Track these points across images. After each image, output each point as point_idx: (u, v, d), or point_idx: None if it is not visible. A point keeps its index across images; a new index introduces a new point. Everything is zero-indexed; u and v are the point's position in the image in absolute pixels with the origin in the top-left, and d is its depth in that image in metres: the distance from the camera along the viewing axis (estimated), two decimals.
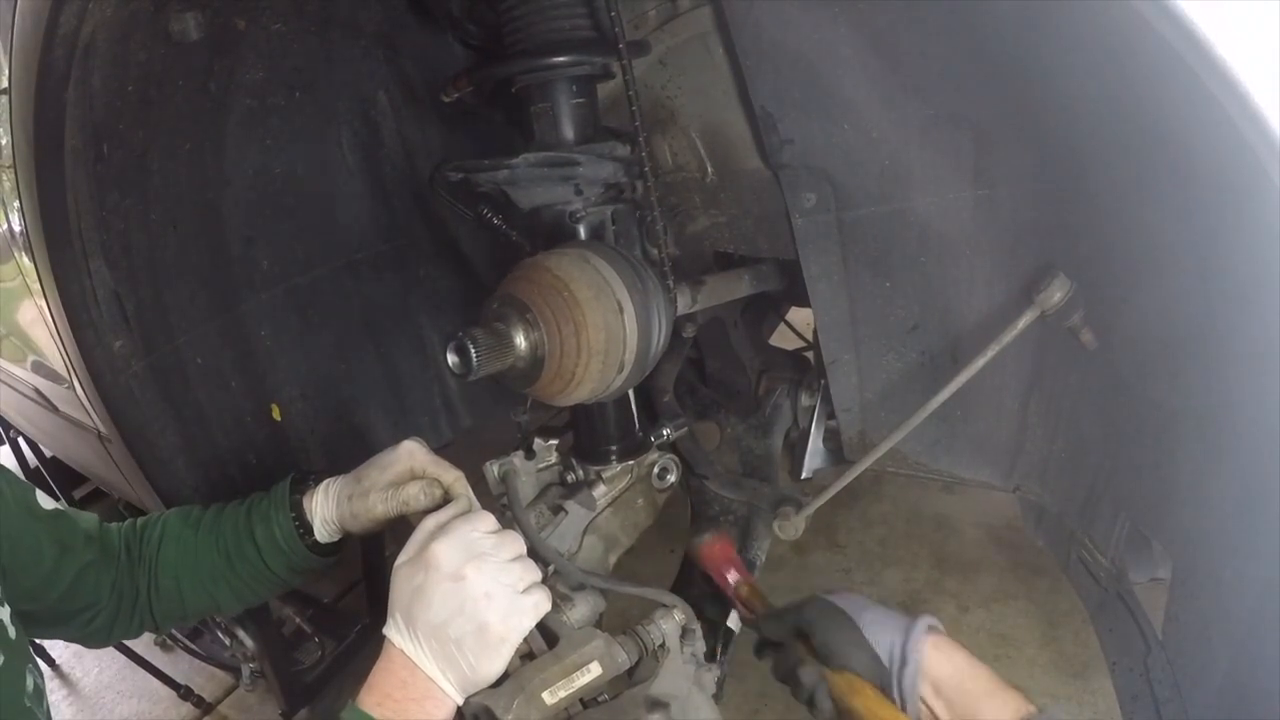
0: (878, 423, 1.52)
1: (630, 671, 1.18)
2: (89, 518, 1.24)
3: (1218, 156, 0.72)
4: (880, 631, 1.09)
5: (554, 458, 1.39)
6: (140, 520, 1.28)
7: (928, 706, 1.05)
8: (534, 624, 1.02)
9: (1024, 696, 0.99)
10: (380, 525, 1.21)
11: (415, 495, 1.16)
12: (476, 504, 1.13)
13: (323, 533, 1.24)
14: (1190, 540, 1.04)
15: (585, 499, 1.35)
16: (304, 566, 1.27)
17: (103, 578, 1.20)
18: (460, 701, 0.99)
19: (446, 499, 1.16)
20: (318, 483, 1.25)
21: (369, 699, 0.96)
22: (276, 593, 1.35)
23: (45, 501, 1.16)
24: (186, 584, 1.25)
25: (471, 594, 0.98)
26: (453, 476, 1.16)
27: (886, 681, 1.06)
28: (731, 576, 1.34)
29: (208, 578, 1.25)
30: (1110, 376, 1.15)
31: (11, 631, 1.00)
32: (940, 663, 1.04)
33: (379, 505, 1.18)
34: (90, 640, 1.27)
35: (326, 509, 1.23)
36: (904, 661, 1.05)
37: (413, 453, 1.19)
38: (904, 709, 1.03)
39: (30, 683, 1.01)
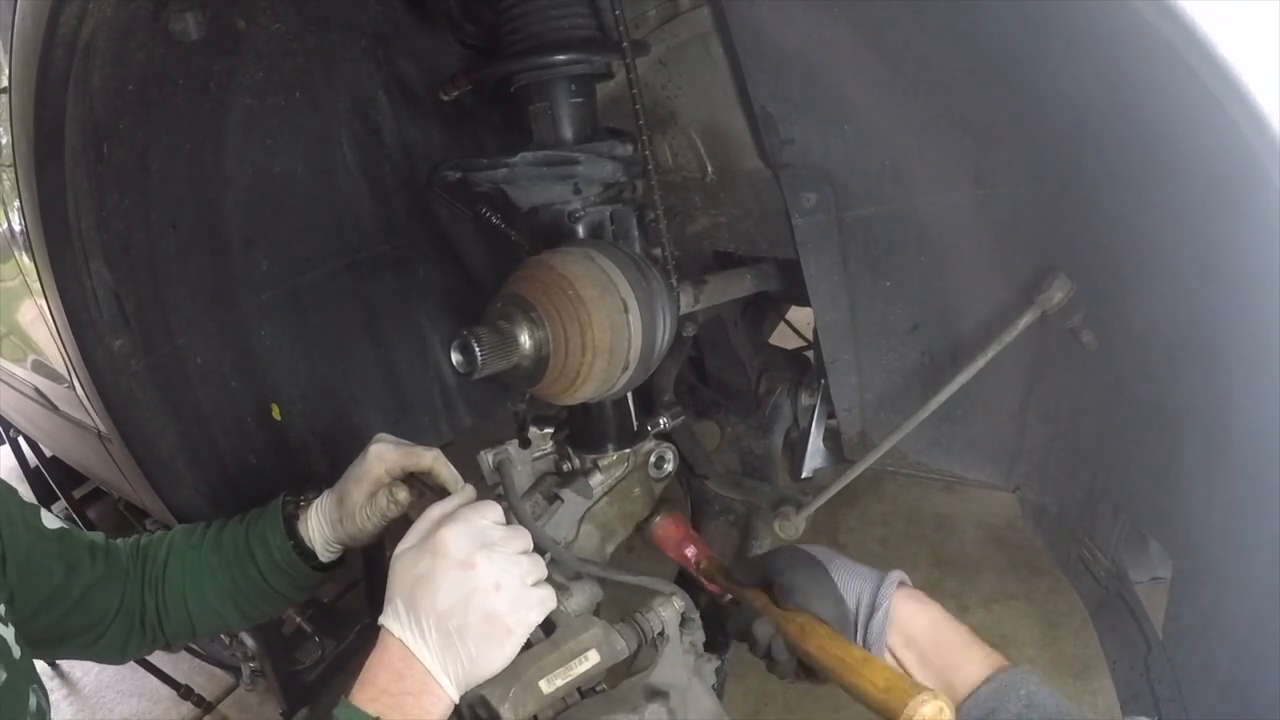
0: (878, 422, 1.52)
1: (629, 661, 1.17)
2: (95, 536, 1.24)
3: (1218, 156, 0.72)
4: (849, 579, 1.06)
5: (550, 447, 1.38)
6: (144, 538, 1.29)
7: (896, 658, 1.02)
8: (540, 620, 1.00)
9: (998, 651, 0.97)
10: (379, 536, 1.23)
11: (385, 506, 1.19)
12: (461, 481, 1.14)
13: (326, 554, 1.26)
14: (1190, 540, 1.04)
15: (581, 487, 1.35)
16: (309, 584, 1.29)
17: (110, 594, 1.20)
18: (456, 698, 0.95)
19: (422, 495, 1.17)
20: (307, 505, 1.26)
21: (362, 694, 0.92)
22: (283, 610, 1.35)
23: (50, 520, 1.17)
24: (193, 603, 1.25)
25: (480, 583, 0.94)
26: (429, 458, 1.17)
27: (848, 628, 1.03)
28: (690, 553, 1.33)
29: (213, 598, 1.26)
30: (1110, 376, 1.15)
31: (16, 651, 1.00)
32: (913, 614, 1.02)
33: (367, 524, 1.20)
34: (104, 656, 1.27)
35: (324, 533, 1.25)
36: (872, 609, 1.02)
37: (382, 455, 1.19)
38: None
39: (34, 702, 1.01)
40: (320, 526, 1.24)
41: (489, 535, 0.98)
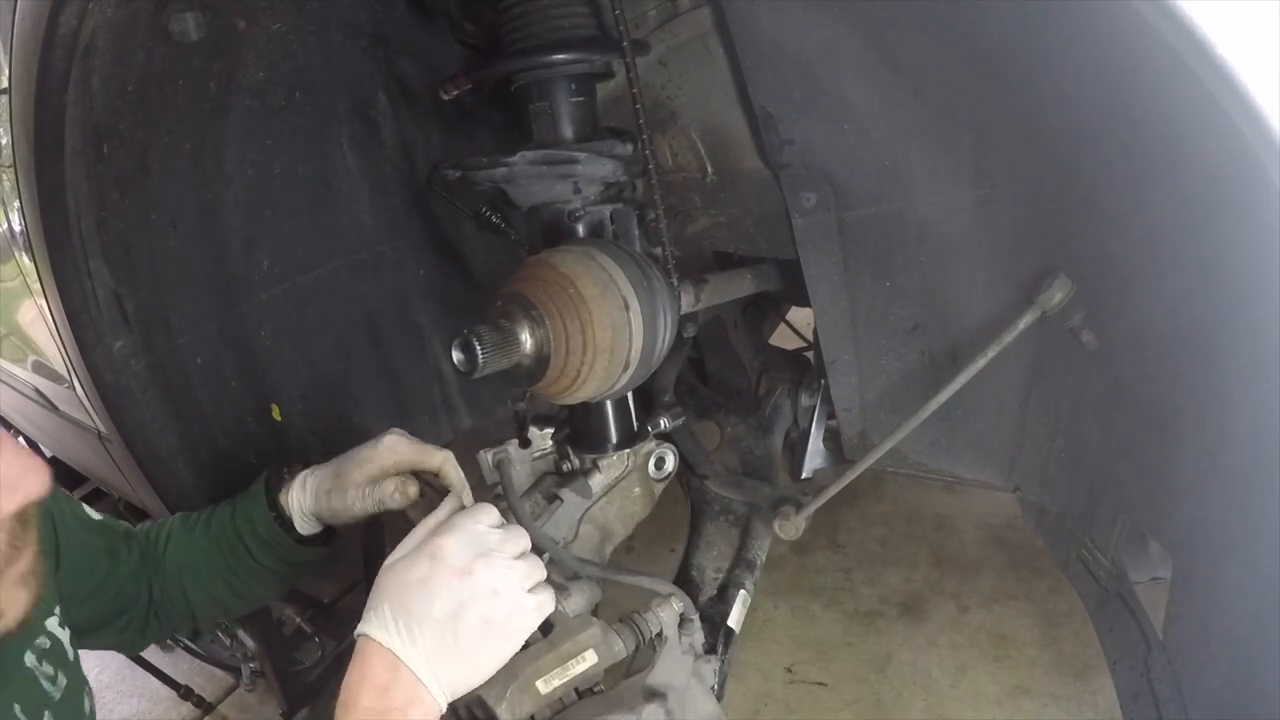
0: (878, 423, 1.52)
1: (627, 661, 1.17)
2: (125, 524, 1.26)
3: (1218, 156, 0.72)
4: None
5: (549, 446, 1.38)
6: (146, 525, 1.30)
7: None
8: (538, 624, 0.99)
9: None
10: (359, 521, 1.20)
11: (390, 494, 1.15)
12: (467, 488, 1.13)
13: (303, 526, 1.23)
14: (1190, 540, 1.04)
15: (581, 487, 1.35)
16: (295, 558, 1.26)
17: (139, 582, 1.22)
18: (444, 707, 0.93)
19: (424, 495, 1.16)
20: (294, 476, 1.25)
21: (347, 719, 0.88)
22: (279, 589, 1.35)
23: (93, 511, 1.18)
24: (190, 586, 1.25)
25: (478, 590, 0.93)
26: (440, 459, 1.15)
27: None
28: None
29: (207, 579, 1.26)
30: (1110, 376, 1.15)
31: (71, 654, 1.00)
32: None
33: (356, 503, 1.17)
34: (126, 646, 1.28)
35: (304, 502, 1.22)
36: None
37: (394, 447, 1.17)
38: None
39: (88, 706, 1.01)
40: (301, 496, 1.21)
41: (487, 541, 0.97)
